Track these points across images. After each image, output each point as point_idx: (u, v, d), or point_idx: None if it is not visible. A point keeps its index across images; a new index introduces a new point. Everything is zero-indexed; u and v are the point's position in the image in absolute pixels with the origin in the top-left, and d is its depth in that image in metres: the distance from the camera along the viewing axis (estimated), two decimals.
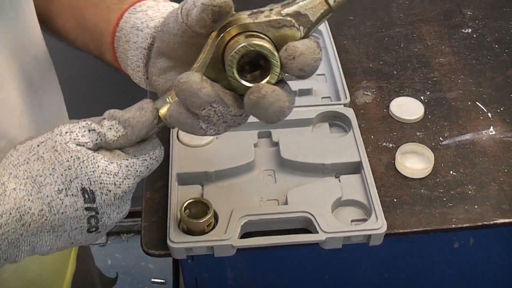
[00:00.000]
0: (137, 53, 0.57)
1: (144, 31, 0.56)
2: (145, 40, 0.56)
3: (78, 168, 0.48)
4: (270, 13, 0.44)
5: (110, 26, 0.59)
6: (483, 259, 0.84)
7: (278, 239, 0.71)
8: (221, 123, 0.49)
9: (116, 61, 0.60)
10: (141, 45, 0.56)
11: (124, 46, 0.58)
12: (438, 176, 0.80)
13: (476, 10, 1.08)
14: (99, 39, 0.60)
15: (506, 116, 0.88)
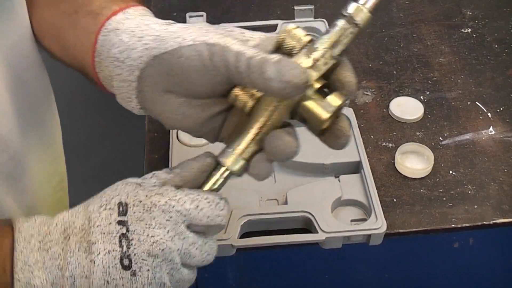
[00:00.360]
0: (124, 85, 0.54)
1: (127, 62, 0.53)
2: (131, 73, 0.52)
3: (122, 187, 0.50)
4: (326, 59, 0.48)
5: (88, 50, 0.56)
6: (483, 259, 0.84)
7: (278, 239, 0.71)
8: None
9: (102, 86, 0.57)
10: (127, 78, 0.53)
11: (105, 72, 0.55)
12: (438, 176, 0.80)
13: (476, 10, 1.08)
14: (81, 61, 0.58)
15: (506, 116, 0.88)
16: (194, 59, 0.49)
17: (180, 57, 0.50)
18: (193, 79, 0.50)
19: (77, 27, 0.57)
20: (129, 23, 0.54)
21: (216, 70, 0.49)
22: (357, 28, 0.48)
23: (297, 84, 0.45)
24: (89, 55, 0.56)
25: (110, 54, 0.54)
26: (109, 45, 0.54)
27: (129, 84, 0.53)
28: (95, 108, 1.54)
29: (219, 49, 0.48)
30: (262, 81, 0.46)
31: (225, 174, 0.52)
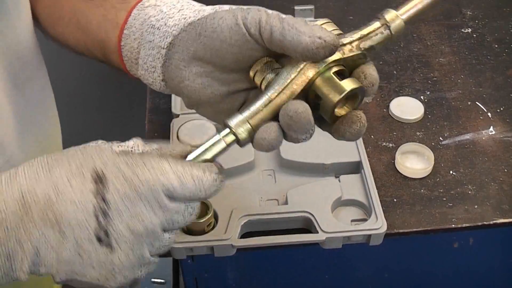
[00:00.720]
0: (152, 52, 0.54)
1: (162, 29, 0.53)
2: (164, 39, 0.53)
3: (98, 157, 0.45)
4: (352, 47, 0.49)
5: (116, 24, 0.57)
6: (483, 259, 0.84)
7: (278, 239, 0.71)
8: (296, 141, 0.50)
9: (121, 61, 0.58)
10: (159, 44, 0.53)
11: (132, 44, 0.56)
12: (438, 176, 0.80)
13: (476, 10, 1.08)
14: (103, 39, 0.59)
15: (506, 116, 0.88)
16: (228, 18, 0.49)
17: (214, 18, 0.50)
18: (224, 40, 0.49)
19: (103, 7, 0.59)
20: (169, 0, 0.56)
21: (248, 29, 0.49)
22: (388, 31, 0.49)
23: (327, 42, 0.45)
24: (116, 30, 0.57)
25: (145, 24, 0.55)
26: (144, 17, 0.55)
27: (158, 51, 0.54)
28: (95, 107, 1.54)
29: (254, 10, 0.49)
30: (293, 34, 0.46)
31: (227, 138, 0.48)
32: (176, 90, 0.54)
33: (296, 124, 0.47)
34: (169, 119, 0.85)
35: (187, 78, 0.52)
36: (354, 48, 0.49)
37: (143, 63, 0.55)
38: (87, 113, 1.53)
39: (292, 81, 0.48)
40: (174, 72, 0.53)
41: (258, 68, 0.50)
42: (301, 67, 0.48)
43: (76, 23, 0.61)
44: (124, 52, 0.57)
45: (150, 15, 0.55)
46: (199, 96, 0.52)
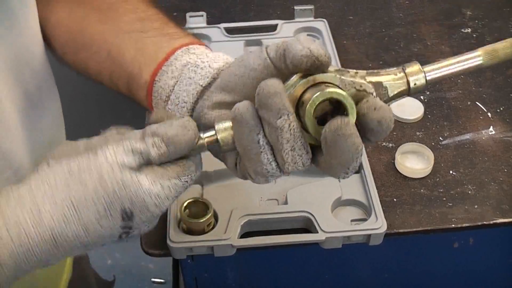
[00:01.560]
0: (189, 88, 0.55)
1: (205, 69, 0.55)
2: (205, 77, 0.55)
3: (122, 193, 0.47)
4: (356, 75, 0.46)
5: (154, 60, 0.57)
6: (483, 259, 0.84)
7: (278, 239, 0.71)
8: (289, 150, 0.46)
9: (149, 95, 0.58)
10: (198, 81, 0.55)
11: (167, 81, 0.56)
12: (438, 176, 0.80)
13: (476, 10, 1.08)
14: (133, 72, 0.59)
15: (506, 116, 0.88)
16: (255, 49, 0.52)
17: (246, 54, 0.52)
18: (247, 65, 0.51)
19: (143, 42, 0.60)
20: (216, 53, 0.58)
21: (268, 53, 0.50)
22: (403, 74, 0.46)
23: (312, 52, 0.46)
24: (152, 64, 0.57)
25: (189, 63, 0.56)
26: (187, 60, 0.56)
27: (194, 87, 0.55)
28: (95, 108, 1.54)
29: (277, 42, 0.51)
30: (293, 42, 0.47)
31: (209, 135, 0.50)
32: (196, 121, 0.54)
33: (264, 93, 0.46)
34: None
35: (207, 107, 0.53)
36: (357, 77, 0.47)
37: (175, 97, 0.56)
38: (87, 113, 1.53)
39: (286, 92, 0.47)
40: (201, 103, 0.54)
41: None
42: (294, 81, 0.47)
43: (105, 53, 0.61)
44: (156, 87, 0.57)
45: (195, 59, 0.56)
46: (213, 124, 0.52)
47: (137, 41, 0.60)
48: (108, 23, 0.62)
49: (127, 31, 0.61)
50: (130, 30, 0.61)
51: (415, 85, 0.47)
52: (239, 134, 0.48)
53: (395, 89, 0.46)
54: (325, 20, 1.00)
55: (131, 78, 0.59)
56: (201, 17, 1.00)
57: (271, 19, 1.03)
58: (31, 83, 0.62)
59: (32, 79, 0.62)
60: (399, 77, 0.47)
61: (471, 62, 0.48)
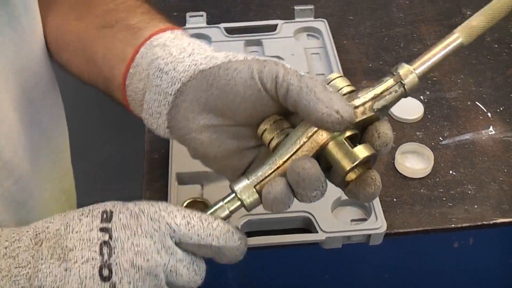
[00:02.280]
0: (158, 98, 0.51)
1: (170, 74, 0.51)
2: (172, 85, 0.50)
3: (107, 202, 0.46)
4: (365, 108, 0.47)
5: (123, 60, 0.54)
6: (483, 259, 0.84)
7: (278, 239, 0.71)
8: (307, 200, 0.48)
9: (125, 101, 0.55)
10: (166, 90, 0.51)
11: (137, 84, 0.53)
12: (438, 176, 0.80)
13: (476, 10, 1.07)
14: (107, 75, 0.56)
15: (506, 116, 0.88)
16: (242, 70, 0.47)
17: (228, 69, 0.48)
18: (237, 94, 0.47)
19: (110, 40, 0.56)
20: (179, 42, 0.53)
21: (264, 84, 0.47)
22: (402, 89, 0.47)
23: (344, 119, 0.44)
24: (121, 66, 0.54)
25: (152, 65, 0.52)
26: (152, 57, 0.52)
27: (165, 97, 0.51)
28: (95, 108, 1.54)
29: (271, 63, 0.47)
30: (310, 98, 0.44)
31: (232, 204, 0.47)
32: (181, 140, 0.52)
33: (304, 181, 0.45)
34: None
35: (194, 130, 0.50)
36: (367, 109, 0.47)
37: (147, 107, 0.53)
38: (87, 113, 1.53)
39: (301, 147, 0.46)
40: (181, 122, 0.50)
41: (267, 126, 0.48)
42: (312, 132, 0.46)
43: (81, 53, 0.59)
44: (129, 92, 0.54)
45: (158, 56, 0.52)
46: (206, 150, 0.50)
47: (106, 38, 0.57)
48: (83, 19, 0.60)
49: (98, 27, 0.58)
50: (100, 25, 0.58)
51: (411, 87, 0.48)
52: (272, 208, 0.47)
53: (395, 100, 0.48)
54: (325, 20, 1.00)
55: (106, 80, 0.57)
56: (201, 17, 1.00)
57: (271, 19, 1.03)
58: (34, 90, 0.61)
59: (35, 86, 0.61)
60: (397, 89, 0.48)
61: (452, 45, 0.49)
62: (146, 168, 0.82)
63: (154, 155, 0.84)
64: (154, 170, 0.81)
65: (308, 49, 0.96)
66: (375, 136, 0.46)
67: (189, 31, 0.97)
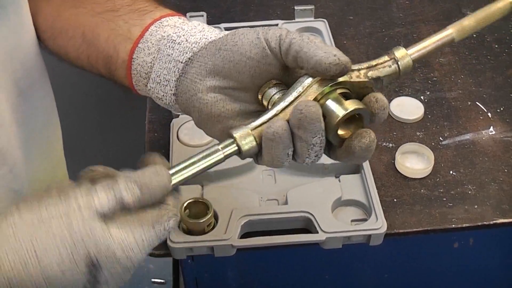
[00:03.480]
0: (168, 66, 0.55)
1: (182, 44, 0.54)
2: (183, 53, 0.54)
3: (90, 242, 0.44)
4: (360, 74, 0.51)
5: (128, 39, 0.57)
6: (483, 259, 0.84)
7: (278, 239, 0.71)
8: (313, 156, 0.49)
9: (129, 74, 0.58)
10: (177, 58, 0.54)
11: (145, 58, 0.56)
12: (438, 176, 0.80)
13: (476, 10, 1.08)
14: (110, 54, 0.58)
15: (506, 116, 0.88)
16: (249, 33, 0.51)
17: (235, 33, 0.52)
18: (243, 53, 0.50)
19: (114, 22, 0.59)
20: (190, 22, 0.57)
21: (268, 43, 0.50)
22: (395, 66, 0.51)
23: (341, 61, 0.48)
24: (127, 43, 0.57)
25: (163, 39, 0.55)
26: (162, 34, 0.56)
27: (176, 65, 0.54)
28: (95, 108, 1.54)
29: (275, 28, 0.51)
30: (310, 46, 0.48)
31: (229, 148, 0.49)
32: (186, 104, 0.54)
33: (306, 118, 0.47)
34: (169, 119, 0.85)
35: (201, 91, 0.52)
36: (362, 75, 0.50)
37: (156, 76, 0.55)
38: (87, 113, 1.53)
39: (298, 97, 0.49)
40: (188, 86, 0.53)
41: (266, 89, 0.51)
42: (308, 84, 0.49)
43: (80, 37, 0.61)
44: (134, 65, 0.57)
45: (170, 33, 0.55)
46: (210, 110, 0.52)
47: (110, 21, 0.59)
48: (82, 6, 0.62)
49: (99, 12, 0.61)
50: (102, 10, 0.61)
51: (405, 68, 0.52)
52: (272, 150, 0.49)
53: (389, 78, 0.51)
54: (325, 20, 1.00)
55: (108, 60, 0.59)
56: (201, 17, 1.00)
57: (271, 19, 1.03)
58: (24, 80, 0.62)
59: (25, 76, 0.62)
60: (391, 65, 0.51)
61: (445, 39, 0.55)
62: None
63: None
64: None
65: None
66: (373, 101, 0.50)
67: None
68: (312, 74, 0.49)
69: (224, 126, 0.52)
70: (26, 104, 0.63)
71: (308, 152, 0.49)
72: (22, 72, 0.61)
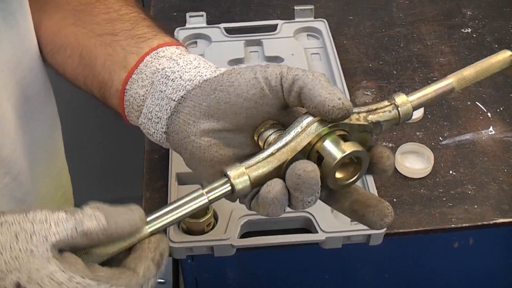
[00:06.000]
0: (161, 103, 0.53)
1: (176, 81, 0.52)
2: (176, 91, 0.52)
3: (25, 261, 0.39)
4: (359, 117, 0.49)
5: (124, 68, 0.56)
6: (483, 259, 0.84)
7: (278, 239, 0.71)
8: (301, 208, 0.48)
9: (122, 106, 0.57)
10: (170, 96, 0.52)
11: (138, 90, 0.54)
12: (438, 176, 0.80)
13: (476, 10, 1.08)
14: (105, 80, 0.57)
15: (506, 116, 0.88)
16: (246, 73, 0.49)
17: (232, 73, 0.50)
18: (240, 94, 0.49)
19: (112, 47, 0.57)
20: (185, 56, 0.55)
21: (267, 82, 0.49)
22: (396, 111, 0.50)
23: (344, 105, 0.46)
24: (122, 72, 0.55)
25: (158, 73, 0.54)
26: (157, 66, 0.54)
27: (168, 103, 0.52)
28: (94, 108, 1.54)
29: (273, 65, 0.50)
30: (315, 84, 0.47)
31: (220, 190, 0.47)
32: (177, 145, 0.53)
33: (304, 184, 0.45)
34: None
35: (194, 134, 0.51)
36: (361, 119, 0.49)
37: (147, 112, 0.54)
38: (87, 113, 1.53)
39: (295, 137, 0.47)
40: (181, 127, 0.52)
41: (262, 130, 0.50)
42: (307, 124, 0.48)
43: (78, 57, 0.60)
44: (127, 97, 0.56)
45: (165, 66, 0.54)
46: (203, 154, 0.51)
47: (108, 45, 0.58)
48: (82, 25, 0.61)
49: (98, 34, 0.59)
50: (101, 32, 0.59)
51: (405, 114, 0.50)
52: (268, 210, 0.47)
53: (388, 124, 0.50)
54: (325, 20, 1.00)
55: (103, 85, 0.58)
56: (201, 17, 1.00)
57: (271, 19, 1.03)
58: (30, 86, 0.61)
59: (31, 82, 0.61)
60: (391, 110, 0.50)
61: (446, 88, 0.53)
62: (146, 168, 0.82)
63: (154, 155, 0.84)
64: (154, 170, 0.81)
65: (308, 49, 0.96)
66: (384, 157, 0.49)
67: (189, 31, 0.97)
68: (313, 113, 0.47)
69: (216, 170, 0.51)
70: (31, 111, 0.62)
71: (303, 207, 0.48)
72: (29, 79, 0.61)
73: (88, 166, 1.61)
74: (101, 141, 1.65)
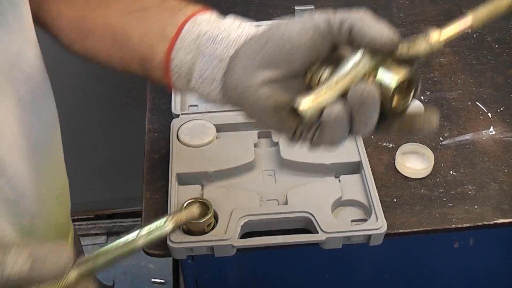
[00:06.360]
0: (212, 64, 0.54)
1: (224, 41, 0.54)
2: (227, 50, 0.54)
3: None
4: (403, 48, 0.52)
5: (164, 38, 0.56)
6: (483, 259, 0.84)
7: (278, 239, 0.71)
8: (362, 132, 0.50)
9: (167, 74, 0.57)
10: (221, 55, 0.54)
11: (184, 57, 0.56)
12: (438, 176, 0.80)
13: (476, 10, 1.08)
14: (145, 54, 0.58)
15: (506, 116, 0.88)
16: (295, 22, 0.51)
17: (280, 25, 0.51)
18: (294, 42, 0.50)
19: (145, 22, 0.59)
20: (224, 19, 0.57)
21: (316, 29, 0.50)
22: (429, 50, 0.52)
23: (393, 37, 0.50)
24: (163, 44, 0.56)
25: (202, 38, 0.55)
26: (199, 32, 0.55)
27: (219, 63, 0.54)
28: (95, 108, 1.54)
29: (319, 12, 0.51)
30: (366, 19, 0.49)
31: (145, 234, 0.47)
32: (235, 100, 0.54)
33: (367, 99, 0.48)
34: (169, 119, 0.85)
35: (252, 87, 0.52)
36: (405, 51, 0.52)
37: (199, 75, 0.55)
38: (87, 113, 1.53)
39: (352, 69, 0.49)
40: (238, 82, 0.53)
41: (314, 68, 0.51)
42: (360, 58, 0.50)
43: (111, 38, 0.60)
44: (173, 65, 0.56)
45: (207, 30, 0.55)
46: (265, 102, 0.52)
47: (140, 21, 0.59)
48: (109, 6, 0.61)
49: (128, 12, 0.60)
50: (131, 10, 0.60)
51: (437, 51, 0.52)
52: (331, 133, 0.49)
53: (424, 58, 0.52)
54: None
55: (143, 60, 0.59)
56: None
57: (271, 19, 1.03)
58: (24, 88, 0.60)
59: (26, 84, 0.60)
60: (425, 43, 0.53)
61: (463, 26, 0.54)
62: (146, 168, 0.82)
63: (154, 155, 0.84)
64: (154, 170, 0.81)
65: None
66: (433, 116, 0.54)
67: None
68: (365, 47, 0.49)
69: (279, 118, 0.52)
70: (29, 112, 0.61)
71: (364, 130, 0.49)
72: (23, 81, 0.60)
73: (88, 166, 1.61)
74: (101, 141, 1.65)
